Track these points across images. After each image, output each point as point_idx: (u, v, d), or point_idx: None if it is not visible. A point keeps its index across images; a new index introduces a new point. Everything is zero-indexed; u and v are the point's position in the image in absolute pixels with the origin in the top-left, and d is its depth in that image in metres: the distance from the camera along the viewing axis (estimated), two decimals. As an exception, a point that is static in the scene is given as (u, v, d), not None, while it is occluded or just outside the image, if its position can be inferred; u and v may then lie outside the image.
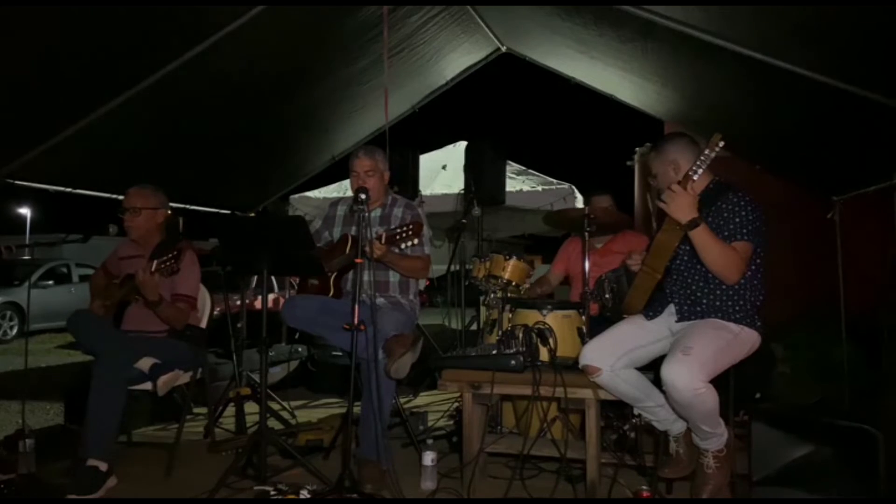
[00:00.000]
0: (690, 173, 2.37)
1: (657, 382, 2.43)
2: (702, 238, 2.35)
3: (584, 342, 2.87)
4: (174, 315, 3.12)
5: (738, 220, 2.41)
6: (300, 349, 5.59)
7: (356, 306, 2.57)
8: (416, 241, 2.78)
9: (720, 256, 2.35)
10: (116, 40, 3.08)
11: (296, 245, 2.88)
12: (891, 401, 3.61)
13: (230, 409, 3.97)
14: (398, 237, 2.75)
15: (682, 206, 2.36)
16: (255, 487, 2.72)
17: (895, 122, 2.92)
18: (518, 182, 6.77)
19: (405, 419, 3.43)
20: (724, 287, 2.44)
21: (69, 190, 4.19)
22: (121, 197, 3.43)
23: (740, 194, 2.45)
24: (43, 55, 2.98)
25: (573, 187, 6.66)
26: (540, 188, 6.75)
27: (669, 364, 2.25)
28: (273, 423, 3.74)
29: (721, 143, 2.32)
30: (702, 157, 2.35)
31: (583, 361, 2.55)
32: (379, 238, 2.76)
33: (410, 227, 2.75)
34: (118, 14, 2.88)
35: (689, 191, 2.37)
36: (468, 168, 4.72)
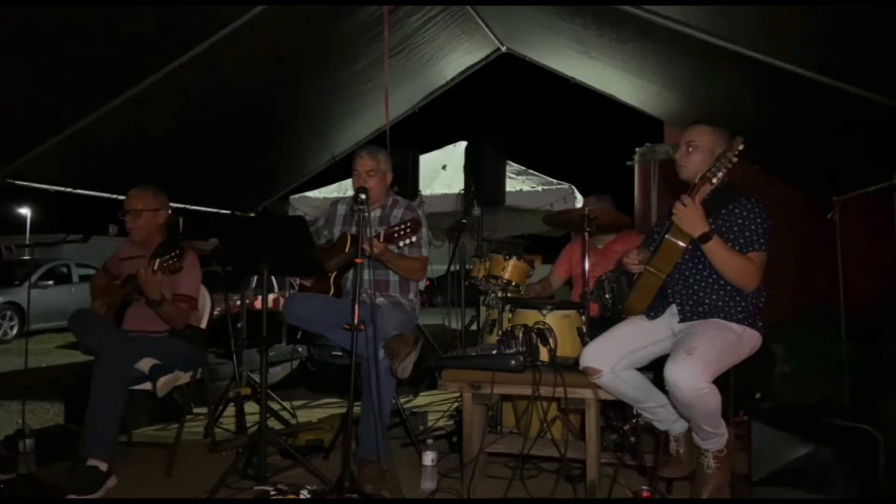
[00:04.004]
0: (709, 175, 2.35)
1: (658, 382, 2.42)
2: (715, 251, 2.35)
3: (584, 342, 2.87)
4: (176, 315, 3.12)
5: (753, 227, 2.39)
6: (300, 349, 5.58)
7: (356, 306, 2.57)
8: (413, 238, 2.78)
9: (736, 267, 2.35)
10: (116, 41, 3.08)
11: (296, 245, 2.88)
12: (891, 401, 3.61)
13: (230, 409, 3.97)
14: (396, 234, 2.75)
15: (693, 221, 2.35)
16: (255, 487, 2.72)
17: (895, 122, 2.92)
18: (518, 182, 6.76)
19: (405, 419, 3.43)
20: (727, 287, 2.44)
21: (69, 190, 4.20)
22: (121, 197, 3.43)
23: (753, 200, 2.43)
24: (43, 56, 2.98)
25: (573, 187, 6.65)
26: (540, 188, 6.74)
27: (673, 364, 2.25)
28: (273, 423, 3.74)
29: (741, 146, 2.30)
30: (722, 160, 2.33)
31: (583, 363, 2.55)
32: (377, 236, 2.76)
33: (408, 224, 2.75)
34: (118, 14, 2.88)
35: (696, 202, 2.36)
36: (468, 168, 4.72)
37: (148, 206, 3.25)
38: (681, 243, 2.44)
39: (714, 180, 2.36)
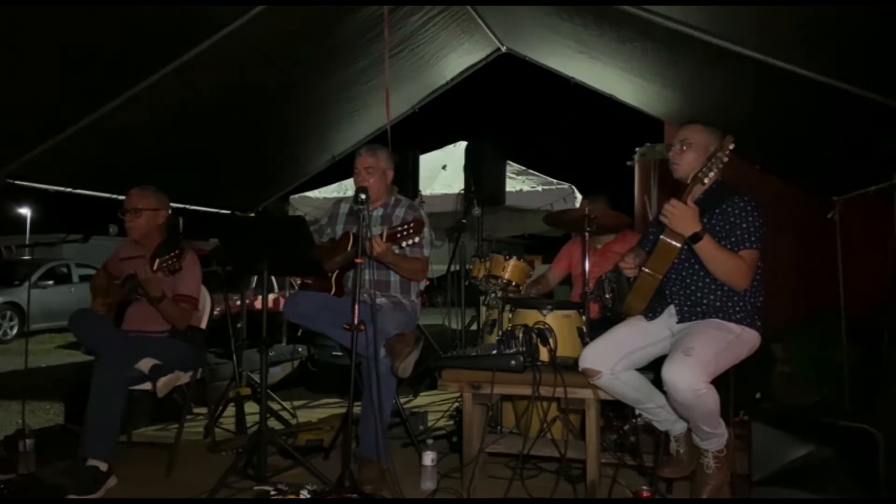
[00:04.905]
0: (701, 175, 2.35)
1: (657, 383, 2.42)
2: (706, 250, 2.35)
3: (584, 342, 2.87)
4: (177, 314, 3.12)
5: (745, 225, 2.39)
6: (300, 349, 5.59)
7: (356, 305, 2.57)
8: (416, 239, 2.78)
9: (727, 266, 2.35)
10: (116, 40, 3.08)
11: (296, 245, 2.88)
12: (891, 401, 3.61)
13: (230, 409, 3.97)
14: (399, 235, 2.75)
15: (683, 221, 2.35)
16: (255, 487, 2.72)
17: (895, 122, 2.92)
18: (518, 182, 6.77)
19: (405, 419, 3.43)
20: (724, 287, 2.43)
21: (69, 190, 4.20)
22: (121, 197, 3.44)
23: (746, 198, 2.43)
24: (43, 56, 2.98)
25: (573, 187, 6.66)
26: (540, 188, 6.75)
27: (671, 365, 2.25)
28: (273, 423, 3.74)
29: (732, 146, 2.31)
30: (713, 160, 2.33)
31: (582, 364, 2.55)
32: (381, 235, 2.76)
33: (411, 224, 2.74)
34: (118, 14, 2.88)
35: (689, 204, 2.36)
36: (468, 168, 4.72)
37: (148, 205, 3.26)
38: (675, 243, 2.44)
39: (706, 180, 2.36)
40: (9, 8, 2.62)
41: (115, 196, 4.30)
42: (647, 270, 2.52)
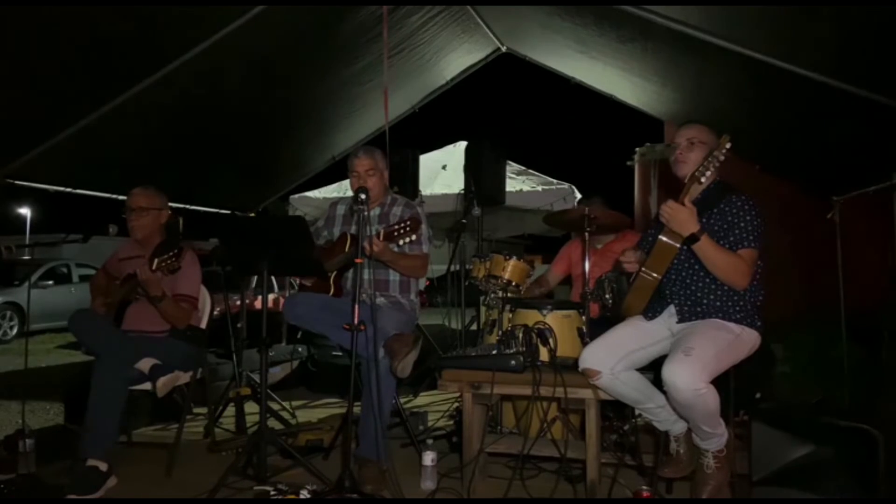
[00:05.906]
0: (698, 174, 2.35)
1: (657, 383, 2.42)
2: (705, 250, 2.35)
3: (584, 342, 2.87)
4: (177, 313, 3.12)
5: (742, 224, 2.39)
6: (300, 349, 5.59)
7: (356, 306, 2.57)
8: (413, 237, 2.78)
9: (726, 266, 2.35)
10: (116, 40, 3.08)
11: (296, 245, 2.88)
12: (891, 401, 3.61)
13: (230, 409, 3.97)
14: (396, 233, 2.75)
15: (681, 222, 2.35)
16: (255, 487, 2.72)
17: (895, 122, 2.92)
18: (518, 182, 6.77)
19: (405, 419, 3.43)
20: (724, 287, 2.44)
21: (69, 190, 4.20)
22: (121, 197, 3.44)
23: (744, 198, 2.44)
24: (42, 55, 2.98)
25: (573, 187, 6.66)
26: (540, 188, 6.75)
27: (671, 364, 2.25)
28: (273, 423, 3.73)
29: (728, 145, 2.31)
30: (710, 159, 2.34)
31: (582, 365, 2.54)
32: (377, 234, 2.76)
33: (408, 223, 2.75)
34: (118, 14, 2.88)
35: (687, 204, 2.36)
36: (468, 168, 4.72)
37: (152, 204, 3.27)
38: (674, 243, 2.44)
39: (703, 179, 2.36)
40: (8, 8, 2.62)
41: (115, 196, 4.30)
42: (645, 270, 2.52)
